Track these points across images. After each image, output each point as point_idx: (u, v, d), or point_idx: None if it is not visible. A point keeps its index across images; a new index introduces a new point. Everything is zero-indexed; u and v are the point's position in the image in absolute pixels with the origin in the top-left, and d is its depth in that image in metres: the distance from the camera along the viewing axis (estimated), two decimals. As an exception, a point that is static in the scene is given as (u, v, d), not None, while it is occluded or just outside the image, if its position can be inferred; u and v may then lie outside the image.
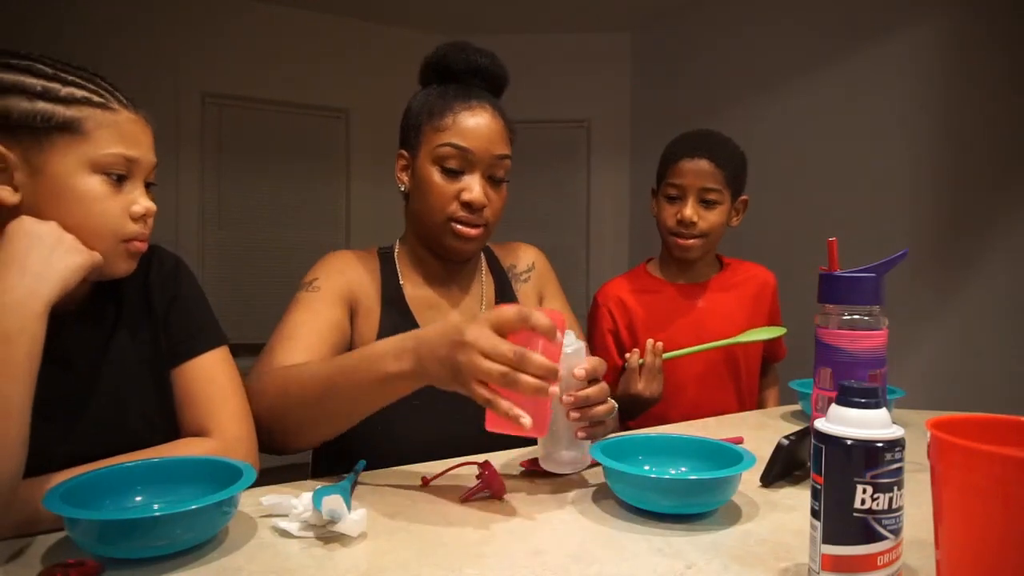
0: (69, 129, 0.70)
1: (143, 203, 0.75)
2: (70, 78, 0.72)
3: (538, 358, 0.69)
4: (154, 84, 3.20)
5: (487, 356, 0.68)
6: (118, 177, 0.73)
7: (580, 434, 0.78)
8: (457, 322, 0.72)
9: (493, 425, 0.72)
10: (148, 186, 0.78)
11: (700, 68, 3.40)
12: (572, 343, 0.79)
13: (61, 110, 0.70)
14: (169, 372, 0.83)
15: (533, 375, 0.68)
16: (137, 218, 0.75)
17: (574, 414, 0.76)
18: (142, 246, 0.76)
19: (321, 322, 0.96)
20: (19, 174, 0.69)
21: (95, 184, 0.71)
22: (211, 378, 0.83)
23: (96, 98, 0.72)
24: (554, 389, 0.69)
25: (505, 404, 0.68)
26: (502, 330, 0.71)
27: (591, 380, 0.79)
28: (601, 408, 0.79)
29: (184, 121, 3.32)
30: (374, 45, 3.76)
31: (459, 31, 3.72)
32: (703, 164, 1.35)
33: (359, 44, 3.75)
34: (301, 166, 3.67)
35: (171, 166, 3.24)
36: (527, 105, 3.83)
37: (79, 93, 0.71)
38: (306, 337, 0.93)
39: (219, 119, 3.46)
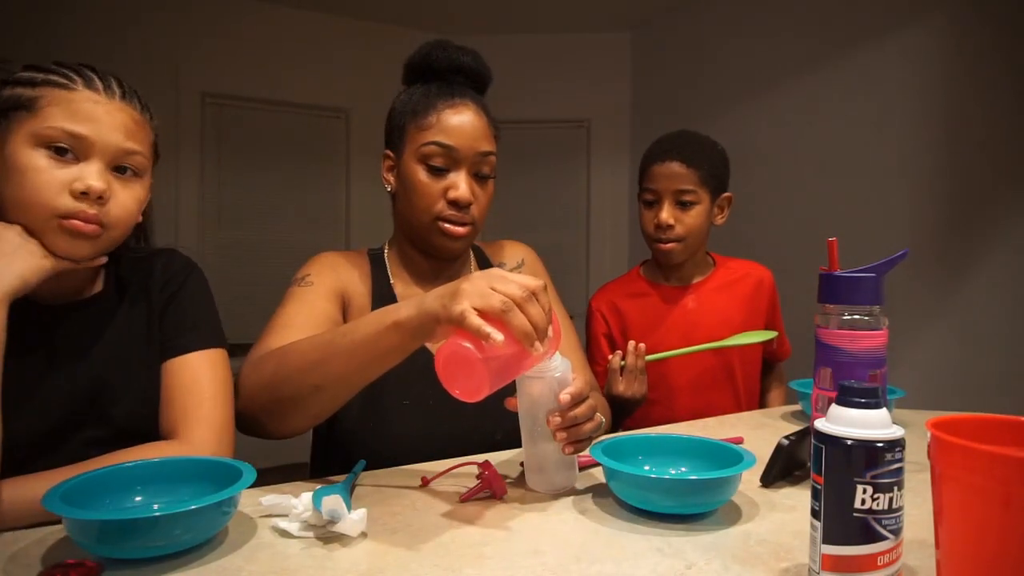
0: (26, 108, 0.72)
1: (87, 181, 0.71)
2: (55, 67, 0.75)
3: (538, 309, 0.69)
4: (154, 84, 3.19)
5: (493, 288, 0.68)
6: (64, 152, 0.72)
7: (567, 450, 0.78)
8: None
9: (445, 362, 0.68)
10: (123, 171, 0.76)
11: (700, 68, 3.40)
12: (559, 365, 0.78)
13: (26, 92, 0.72)
14: (160, 367, 0.84)
15: (529, 317, 0.68)
16: (77, 195, 0.72)
17: (561, 434, 0.76)
18: (84, 227, 0.72)
19: (316, 313, 0.96)
20: None
21: (37, 158, 0.71)
22: (193, 378, 0.83)
23: (59, 79, 0.73)
24: (538, 345, 0.69)
25: (478, 320, 0.65)
26: None
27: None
28: (587, 426, 0.79)
29: (184, 121, 3.32)
30: (374, 45, 3.76)
31: (459, 31, 3.73)
32: (674, 167, 1.35)
33: (359, 44, 3.75)
34: (301, 166, 3.67)
35: (171, 166, 3.24)
36: (527, 105, 3.85)
37: (44, 76, 0.73)
38: (301, 326, 0.92)
39: (219, 119, 3.46)
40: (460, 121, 1.00)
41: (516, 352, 0.69)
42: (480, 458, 0.85)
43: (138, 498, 0.69)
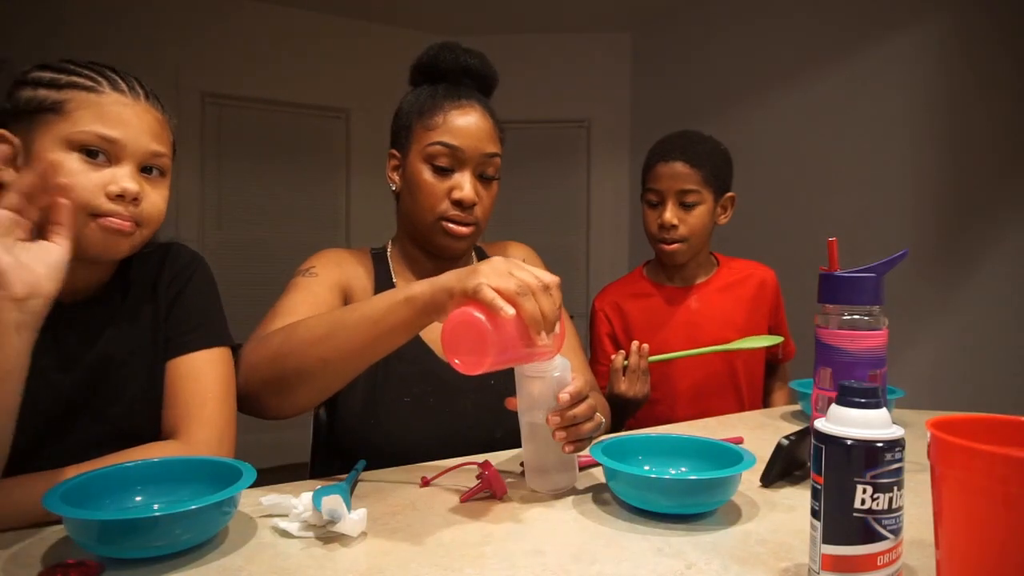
0: (53, 110, 0.72)
1: (122, 183, 0.74)
2: (76, 68, 0.75)
3: (550, 302, 0.71)
4: (154, 84, 3.19)
5: (511, 273, 0.70)
6: (96, 155, 0.73)
7: (567, 449, 0.78)
8: None
9: (452, 329, 0.69)
10: (149, 171, 0.79)
11: (700, 68, 3.40)
12: (559, 365, 0.78)
13: (51, 94, 0.73)
14: (163, 366, 0.84)
15: (541, 307, 0.69)
16: (113, 197, 0.74)
17: (560, 433, 0.76)
18: (121, 224, 0.75)
19: (319, 303, 0.96)
20: (20, 157, 0.73)
21: (69, 160, 0.72)
22: (196, 377, 0.82)
23: (85, 82, 0.74)
24: (544, 335, 0.70)
25: (492, 292, 0.67)
26: None
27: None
28: (587, 426, 0.79)
29: (184, 121, 3.32)
30: (374, 45, 3.76)
31: (459, 31, 3.72)
32: (677, 167, 1.35)
33: (359, 44, 3.76)
34: (301, 166, 3.67)
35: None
36: (527, 105, 3.86)
37: (69, 79, 0.74)
38: (304, 315, 0.90)
39: (219, 119, 3.46)
40: (466, 122, 1.00)
41: (521, 340, 0.70)
42: (480, 458, 0.85)
43: (138, 498, 0.69)
